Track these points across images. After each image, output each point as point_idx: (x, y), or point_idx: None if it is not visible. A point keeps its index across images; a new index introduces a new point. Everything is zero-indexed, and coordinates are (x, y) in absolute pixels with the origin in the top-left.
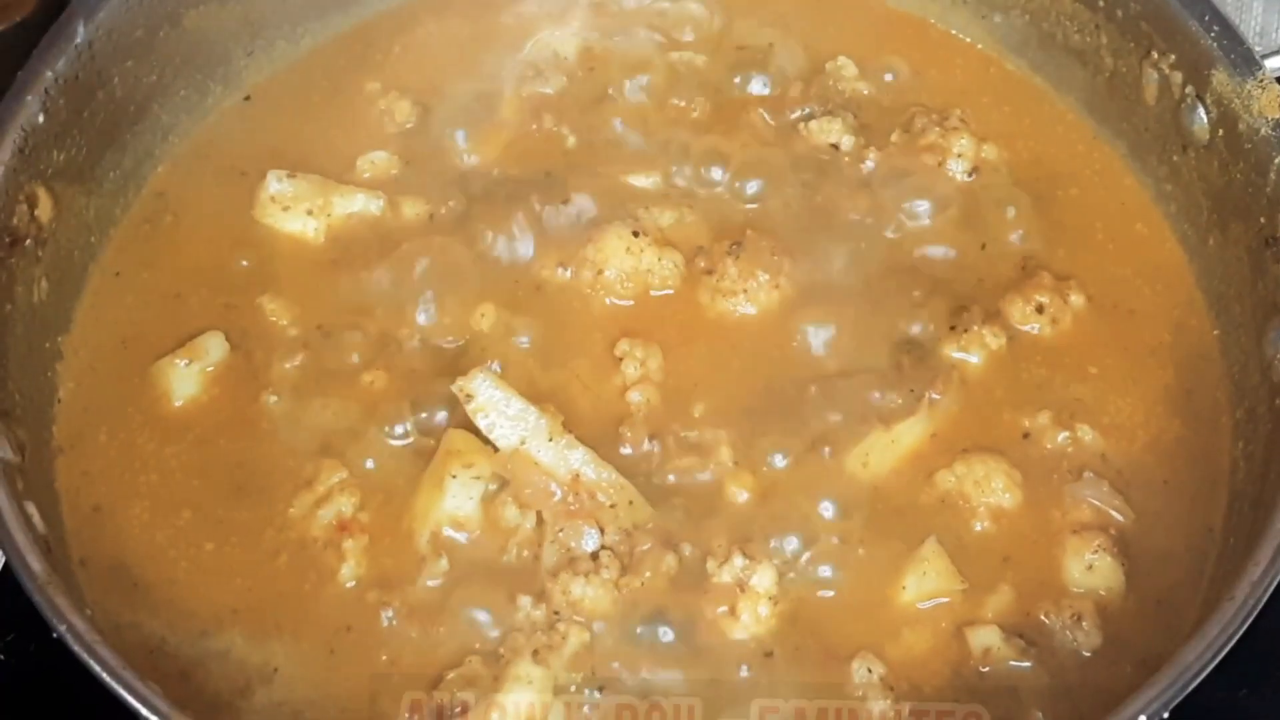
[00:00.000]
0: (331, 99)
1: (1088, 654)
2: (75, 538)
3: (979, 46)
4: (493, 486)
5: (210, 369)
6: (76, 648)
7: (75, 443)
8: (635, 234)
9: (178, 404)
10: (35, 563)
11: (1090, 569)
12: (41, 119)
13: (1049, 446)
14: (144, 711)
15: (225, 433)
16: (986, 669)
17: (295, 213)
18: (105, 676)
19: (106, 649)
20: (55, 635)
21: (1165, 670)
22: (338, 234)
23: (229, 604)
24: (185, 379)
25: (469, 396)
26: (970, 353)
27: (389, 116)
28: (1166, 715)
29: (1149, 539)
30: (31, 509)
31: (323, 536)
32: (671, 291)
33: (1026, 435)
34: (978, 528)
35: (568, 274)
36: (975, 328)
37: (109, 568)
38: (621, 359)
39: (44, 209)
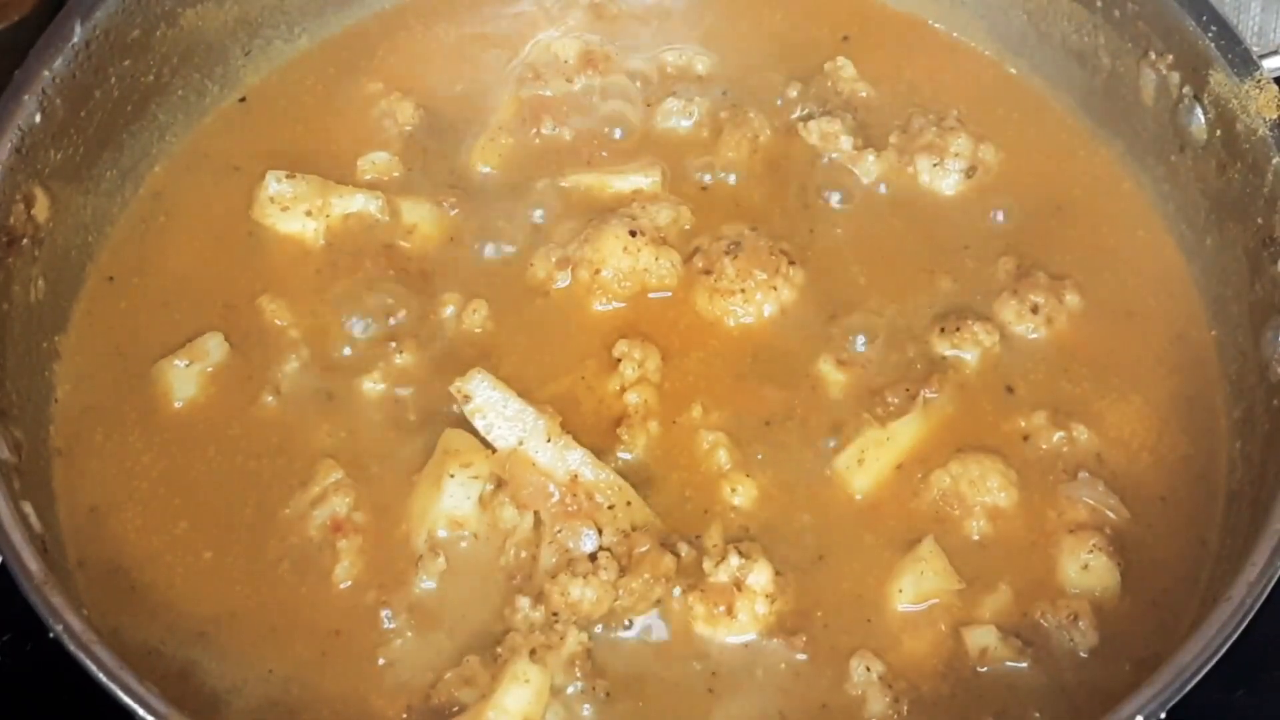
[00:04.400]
0: (329, 99)
1: (1084, 654)
2: (72, 539)
3: (977, 47)
4: (490, 486)
5: (209, 370)
6: (73, 648)
7: (73, 443)
8: (632, 234)
9: (177, 405)
10: (32, 562)
11: (1086, 569)
12: (38, 119)
13: (1045, 446)
14: (141, 712)
15: (224, 434)
16: (984, 669)
17: (294, 213)
18: (102, 677)
19: (103, 649)
20: (52, 635)
21: (1162, 670)
22: (337, 234)
23: (227, 607)
24: (184, 380)
25: (467, 397)
26: (964, 351)
27: (390, 118)
28: (1164, 715)
29: (1145, 538)
30: (28, 509)
31: (318, 537)
32: (669, 292)
33: (1024, 436)
34: (974, 527)
35: (565, 274)
36: (969, 326)
37: (106, 571)
38: (619, 360)
39: (41, 208)
